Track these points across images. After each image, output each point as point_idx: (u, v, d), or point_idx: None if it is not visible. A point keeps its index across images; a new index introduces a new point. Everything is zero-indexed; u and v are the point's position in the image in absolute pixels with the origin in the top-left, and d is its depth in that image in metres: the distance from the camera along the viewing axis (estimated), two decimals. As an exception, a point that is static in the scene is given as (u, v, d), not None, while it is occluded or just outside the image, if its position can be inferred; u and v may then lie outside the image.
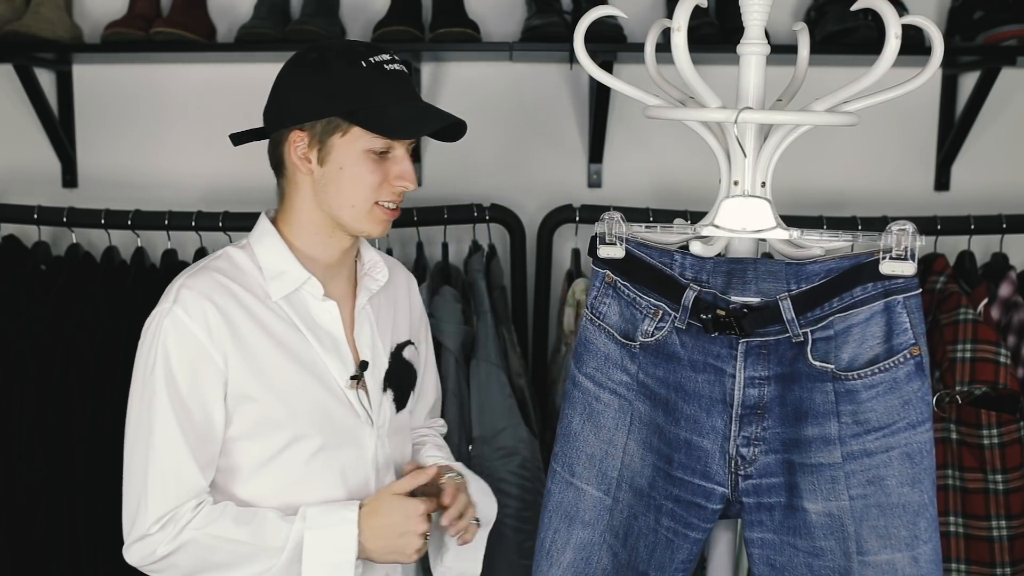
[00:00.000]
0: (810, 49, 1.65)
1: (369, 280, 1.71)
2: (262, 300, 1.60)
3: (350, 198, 1.59)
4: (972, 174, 2.72)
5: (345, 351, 1.64)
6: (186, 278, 1.59)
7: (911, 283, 1.40)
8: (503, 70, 2.70)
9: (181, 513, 1.54)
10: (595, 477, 1.62)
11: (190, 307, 1.55)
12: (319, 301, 1.63)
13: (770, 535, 1.52)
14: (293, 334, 1.60)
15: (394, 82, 1.58)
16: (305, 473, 1.60)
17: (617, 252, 1.57)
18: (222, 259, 1.64)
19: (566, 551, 1.63)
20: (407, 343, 1.76)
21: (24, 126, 2.69)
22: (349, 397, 1.63)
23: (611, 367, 1.60)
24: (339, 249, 1.65)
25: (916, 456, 1.42)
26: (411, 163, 1.62)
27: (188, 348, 1.54)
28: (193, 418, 1.55)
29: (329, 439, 1.61)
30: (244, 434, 1.58)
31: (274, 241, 1.63)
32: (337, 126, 1.56)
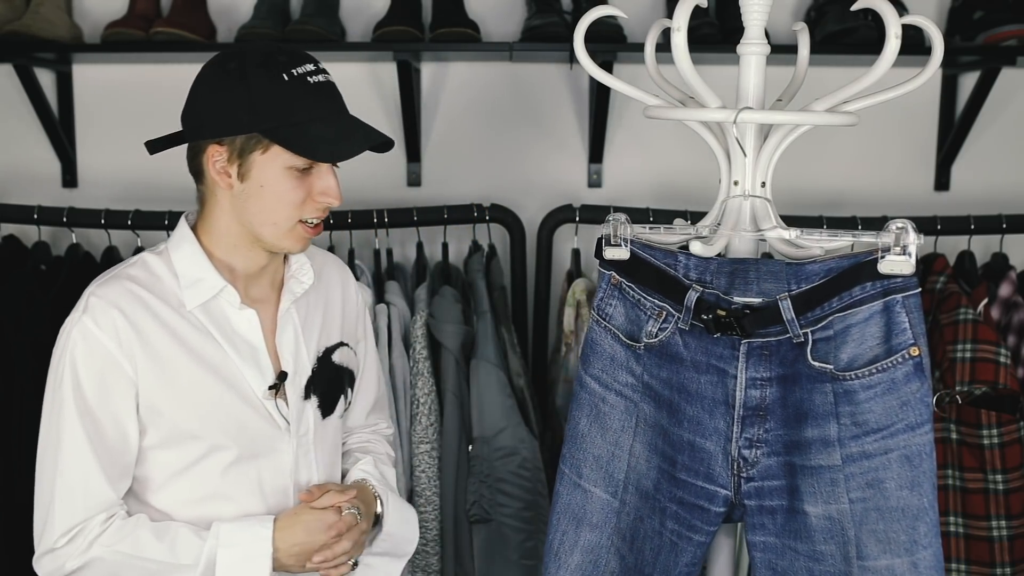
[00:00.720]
0: (810, 49, 1.65)
1: (294, 283, 1.64)
2: (176, 309, 1.55)
3: (271, 216, 1.53)
4: (972, 174, 2.72)
5: (264, 360, 1.59)
6: (96, 287, 1.55)
7: (910, 282, 1.40)
8: (503, 70, 2.70)
9: (90, 527, 1.50)
10: (602, 479, 1.62)
11: (99, 317, 1.50)
12: (237, 309, 1.57)
13: (772, 538, 1.51)
14: (208, 344, 1.55)
15: (318, 97, 1.51)
16: (221, 484, 1.56)
17: (622, 254, 1.57)
18: (136, 266, 1.58)
19: (574, 553, 1.63)
20: (339, 345, 1.71)
21: (24, 126, 2.69)
22: (267, 407, 1.58)
23: (617, 368, 1.60)
24: (258, 261, 1.59)
25: (915, 459, 1.42)
26: (335, 178, 1.55)
27: (97, 358, 1.50)
28: (102, 430, 1.51)
29: (245, 450, 1.56)
30: (158, 444, 1.54)
31: (192, 248, 1.58)
32: (257, 142, 1.50)
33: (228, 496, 1.57)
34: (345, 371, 1.72)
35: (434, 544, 2.31)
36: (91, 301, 1.52)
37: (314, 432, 1.64)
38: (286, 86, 1.49)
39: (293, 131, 1.49)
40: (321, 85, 1.52)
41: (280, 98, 1.49)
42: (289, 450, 1.61)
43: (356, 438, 1.82)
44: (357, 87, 2.69)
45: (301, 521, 1.56)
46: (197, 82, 1.56)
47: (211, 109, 1.53)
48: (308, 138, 1.49)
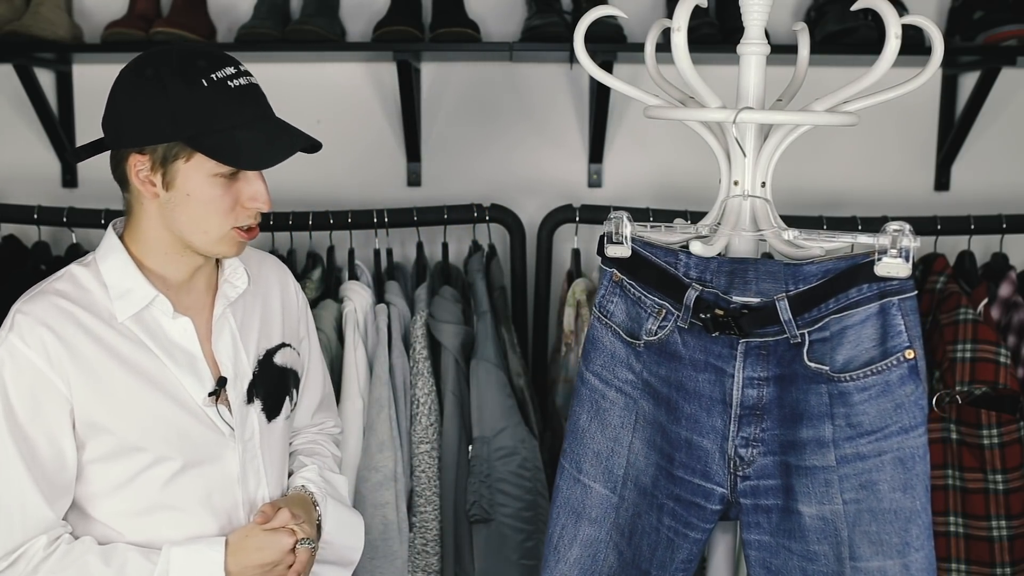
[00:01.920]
0: (810, 49, 1.65)
1: (228, 287, 1.62)
2: (107, 321, 1.51)
3: (201, 224, 1.50)
4: (972, 174, 2.73)
5: (202, 367, 1.56)
6: (22, 303, 1.50)
7: (906, 285, 1.39)
8: (503, 70, 2.70)
9: (32, 550, 1.47)
10: (602, 474, 1.62)
11: (26, 335, 1.46)
12: (170, 318, 1.54)
13: (767, 537, 1.52)
14: (143, 354, 1.52)
15: (241, 101, 1.47)
16: (166, 495, 1.52)
17: (624, 251, 1.57)
18: (64, 279, 1.54)
19: (573, 547, 1.64)
20: (280, 346, 1.68)
21: (24, 126, 2.70)
22: (208, 414, 1.55)
23: (617, 365, 1.60)
24: (190, 267, 1.56)
25: (908, 461, 1.42)
26: (263, 182, 1.51)
27: (26, 377, 1.46)
28: (36, 449, 1.46)
29: (190, 459, 1.53)
30: (99, 458, 1.50)
31: (120, 258, 1.54)
32: (180, 151, 1.46)
33: (174, 507, 1.53)
34: (289, 372, 1.69)
35: (434, 544, 2.31)
36: (17, 319, 1.48)
37: (260, 437, 1.61)
38: (206, 92, 1.44)
39: (216, 138, 1.45)
40: (244, 89, 1.48)
41: (200, 105, 1.44)
42: (235, 456, 1.57)
43: (302, 438, 1.80)
44: (357, 87, 2.70)
45: (253, 544, 1.53)
46: (115, 88, 1.50)
47: (130, 117, 1.47)
48: (232, 145, 1.46)
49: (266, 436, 1.62)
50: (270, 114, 1.53)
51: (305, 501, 1.65)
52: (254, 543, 1.53)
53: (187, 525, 1.54)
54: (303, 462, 1.74)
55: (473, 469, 2.28)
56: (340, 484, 1.76)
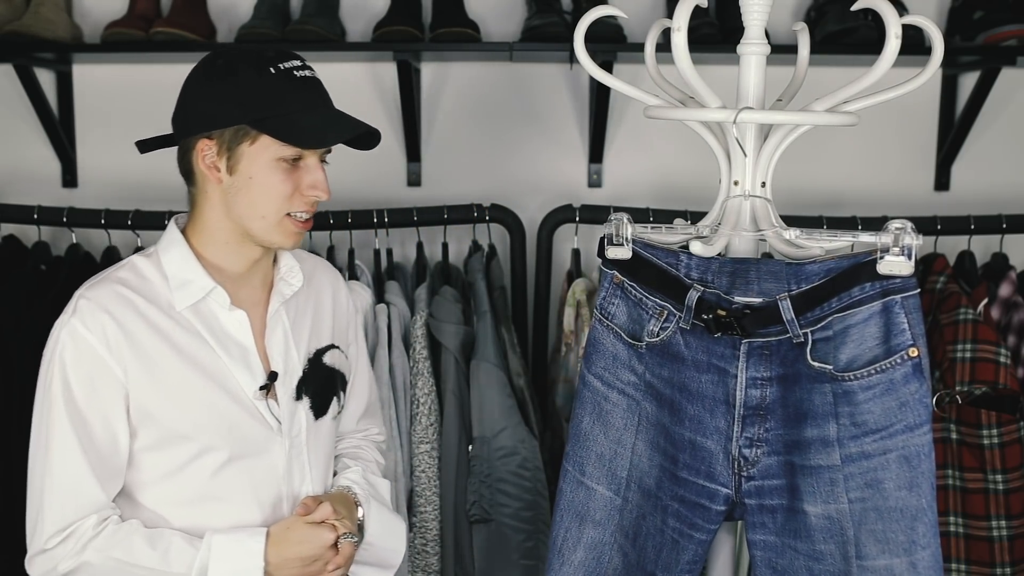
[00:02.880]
0: (810, 49, 1.65)
1: (283, 285, 1.66)
2: (166, 311, 1.55)
3: (260, 208, 1.54)
4: (972, 174, 2.73)
5: (254, 361, 1.59)
6: (86, 289, 1.56)
7: (909, 283, 1.40)
8: (503, 70, 2.70)
9: (82, 529, 1.50)
10: (605, 477, 1.62)
11: (87, 319, 1.51)
12: (227, 310, 1.58)
13: (772, 537, 1.52)
14: (199, 345, 1.56)
15: (304, 89, 1.53)
16: (212, 486, 1.55)
17: (624, 253, 1.57)
18: (126, 269, 1.59)
19: (577, 550, 1.64)
20: (329, 347, 1.71)
21: (24, 126, 2.70)
22: (258, 407, 1.58)
23: (619, 367, 1.60)
24: (248, 259, 1.60)
25: (914, 459, 1.42)
26: (323, 172, 1.57)
27: (85, 361, 1.50)
28: (92, 431, 1.51)
29: (237, 450, 1.56)
30: (149, 446, 1.54)
31: (181, 250, 1.59)
32: (245, 134, 1.52)
33: (220, 498, 1.56)
34: (337, 373, 1.72)
35: (434, 544, 2.31)
36: (80, 304, 1.53)
37: (307, 433, 1.64)
38: (273, 78, 1.51)
39: (280, 121, 1.51)
40: (307, 79, 1.55)
41: (267, 90, 1.51)
42: (281, 451, 1.60)
43: (346, 443, 1.82)
44: (357, 87, 2.69)
45: (294, 536, 1.55)
46: (186, 83, 1.59)
47: (200, 105, 1.55)
48: (295, 127, 1.51)
49: (312, 434, 1.65)
50: (331, 103, 1.59)
51: (347, 499, 1.67)
52: (296, 536, 1.55)
53: (232, 516, 1.57)
54: (347, 464, 1.76)
55: (473, 469, 2.28)
56: (383, 488, 1.78)
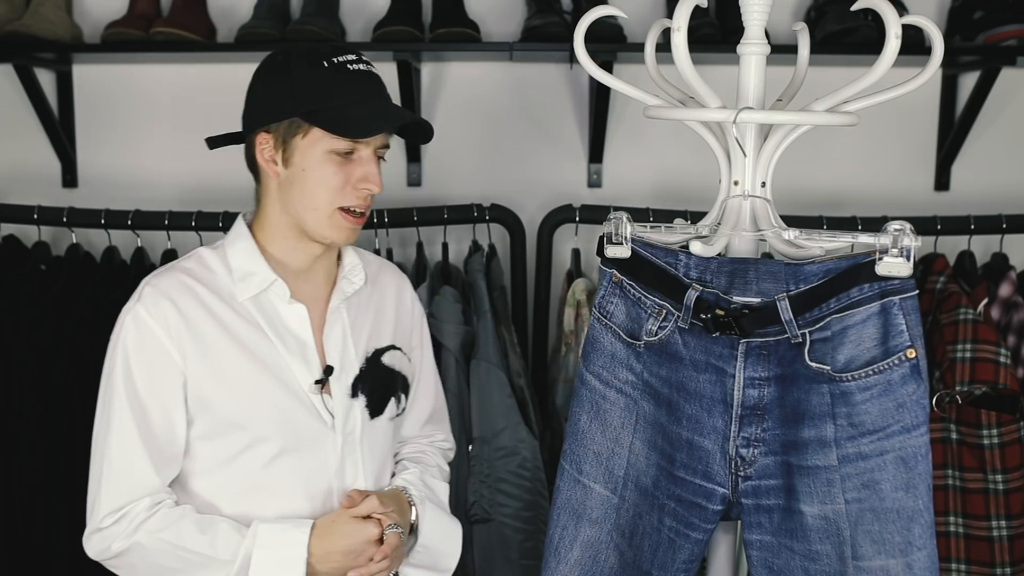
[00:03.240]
0: (810, 49, 1.65)
1: (345, 283, 1.68)
2: (227, 301, 1.59)
3: (312, 201, 1.57)
4: (972, 174, 2.73)
5: (312, 355, 1.61)
6: (151, 277, 1.61)
7: (907, 284, 1.40)
8: (503, 70, 2.70)
9: (135, 511, 1.54)
10: (602, 475, 1.62)
11: (150, 306, 1.55)
12: (287, 304, 1.61)
13: (768, 537, 1.52)
14: (257, 336, 1.59)
15: (357, 82, 1.55)
16: (264, 477, 1.57)
17: (623, 252, 1.58)
18: (192, 259, 1.64)
19: (573, 548, 1.64)
20: (389, 348, 1.72)
21: (24, 126, 2.69)
22: (313, 401, 1.60)
23: (617, 366, 1.60)
24: (309, 255, 1.63)
25: (911, 461, 1.42)
26: (377, 166, 1.59)
27: (147, 346, 1.55)
28: (150, 417, 1.54)
29: (289, 443, 1.58)
30: (204, 434, 1.57)
31: (246, 244, 1.62)
32: (299, 127, 1.55)
33: (270, 489, 1.58)
34: (396, 375, 1.73)
35: (434, 544, 2.31)
36: (145, 291, 1.58)
37: (361, 431, 1.65)
38: (325, 72, 1.54)
39: (330, 113, 1.54)
40: (361, 72, 1.57)
41: (319, 84, 1.54)
42: (334, 447, 1.62)
43: (410, 448, 1.81)
44: (357, 87, 2.69)
45: (339, 530, 1.56)
46: (250, 83, 1.63)
47: (259, 101, 1.59)
48: (343, 118, 1.53)
49: (367, 432, 1.66)
50: (384, 96, 1.60)
51: (399, 497, 1.67)
52: (340, 529, 1.56)
53: (282, 508, 1.58)
54: (406, 466, 1.76)
55: (473, 469, 2.28)
56: (441, 491, 1.78)
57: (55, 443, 2.26)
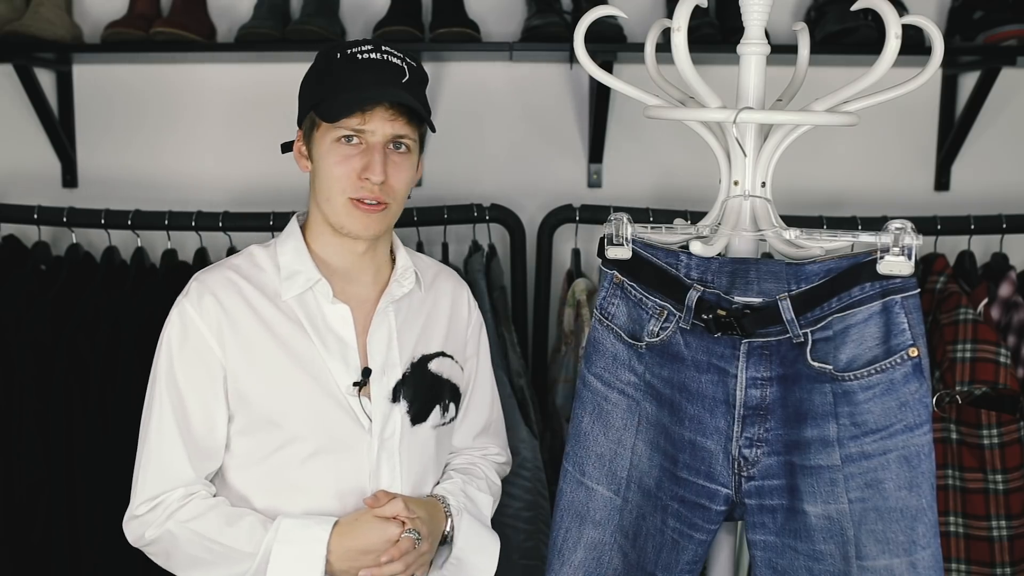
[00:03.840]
0: (810, 49, 1.65)
1: (395, 286, 1.67)
2: (272, 299, 1.60)
3: (325, 192, 1.59)
4: (972, 174, 2.72)
5: (352, 356, 1.61)
6: (201, 272, 1.64)
7: (909, 283, 1.40)
8: (503, 70, 2.70)
9: (169, 500, 1.56)
10: (605, 477, 1.62)
11: (195, 301, 1.58)
12: (330, 303, 1.61)
13: (772, 538, 1.52)
14: (299, 335, 1.59)
15: (360, 70, 1.56)
16: (298, 476, 1.58)
17: (624, 253, 1.57)
18: (243, 256, 1.67)
19: (577, 550, 1.64)
20: (438, 355, 1.70)
21: (24, 126, 2.69)
22: (351, 403, 1.59)
23: (619, 367, 1.60)
24: (351, 252, 1.63)
25: (914, 459, 1.42)
26: (382, 155, 1.56)
27: (191, 340, 1.58)
28: (188, 409, 1.56)
29: (324, 443, 1.58)
30: (241, 430, 1.58)
31: (295, 243, 1.64)
32: (314, 120, 1.59)
33: (303, 489, 1.58)
34: (445, 382, 1.70)
35: (434, 544, 2.31)
36: (192, 285, 1.61)
37: (400, 437, 1.62)
38: (336, 65, 1.57)
39: (327, 103, 1.55)
40: (369, 61, 1.57)
41: (328, 76, 1.57)
42: (369, 450, 1.60)
43: (462, 459, 1.79)
44: (357, 87, 2.69)
45: (361, 528, 1.55)
46: None
47: (299, 101, 1.64)
48: (332, 105, 1.55)
49: (407, 438, 1.64)
50: (388, 82, 1.56)
51: (433, 505, 1.64)
52: (362, 527, 1.55)
53: (312, 507, 1.58)
54: (450, 475, 1.74)
55: (473, 469, 2.28)
56: (483, 504, 1.73)
57: (55, 443, 2.26)
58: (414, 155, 1.62)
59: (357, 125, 1.55)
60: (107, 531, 2.19)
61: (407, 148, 1.60)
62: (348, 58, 1.56)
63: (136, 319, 2.24)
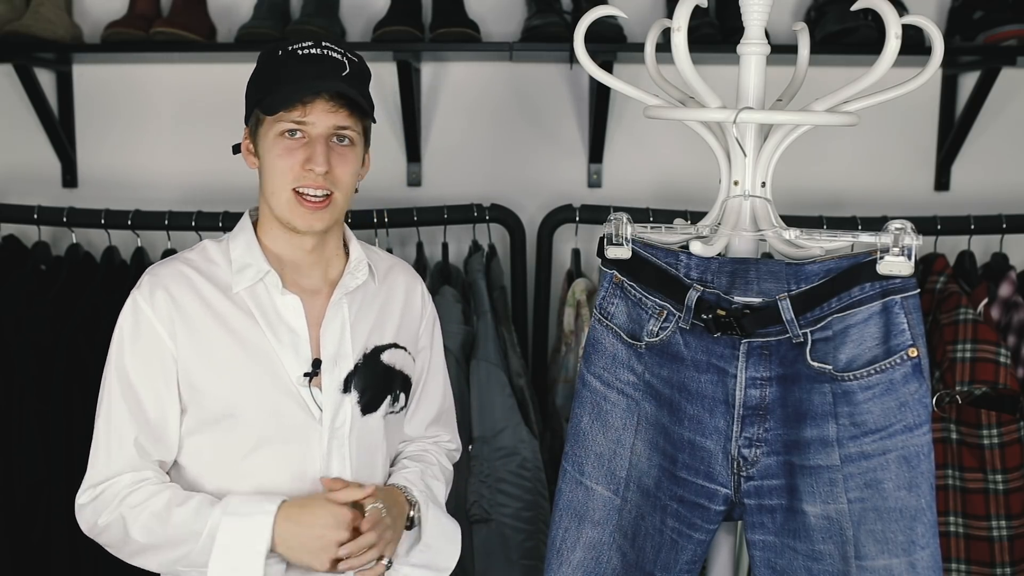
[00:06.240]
0: (810, 49, 1.65)
1: (349, 278, 1.68)
2: (224, 292, 1.62)
3: (270, 185, 1.60)
4: (972, 174, 2.72)
5: (303, 347, 1.62)
6: (153, 266, 1.66)
7: (909, 283, 1.40)
8: (503, 70, 2.70)
9: (117, 486, 1.57)
10: (604, 476, 1.62)
11: (147, 294, 1.60)
12: (280, 294, 1.62)
13: (771, 537, 1.52)
14: (250, 326, 1.60)
15: (300, 65, 1.57)
16: (249, 464, 1.58)
17: (624, 253, 1.58)
18: (196, 251, 1.68)
19: (576, 550, 1.64)
20: (390, 346, 1.71)
21: (24, 126, 2.69)
22: (301, 393, 1.61)
23: (618, 367, 1.60)
24: (298, 247, 1.64)
25: (913, 460, 1.42)
26: (323, 147, 1.57)
27: (142, 332, 1.59)
28: (139, 397, 1.57)
29: (274, 433, 1.59)
30: (193, 426, 1.59)
31: (246, 236, 1.66)
32: (258, 117, 1.60)
33: (253, 477, 1.59)
34: (397, 373, 1.72)
35: (434, 544, 2.30)
36: (144, 279, 1.62)
37: (350, 427, 1.64)
38: (277, 61, 1.59)
39: (271, 97, 1.57)
40: (310, 56, 1.58)
41: (269, 72, 1.60)
42: (320, 440, 1.61)
43: (413, 447, 1.81)
44: (357, 87, 2.69)
45: (309, 510, 1.55)
46: None
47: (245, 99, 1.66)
48: (273, 99, 1.56)
49: (358, 428, 1.65)
50: (327, 75, 1.57)
51: (394, 494, 1.65)
52: (311, 510, 1.55)
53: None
54: (406, 464, 1.75)
55: (473, 469, 2.28)
56: (440, 492, 1.77)
57: (55, 443, 2.26)
58: (358, 148, 1.63)
59: (298, 117, 1.56)
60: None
61: (350, 141, 1.61)
62: (289, 54, 1.58)
63: (136, 319, 2.24)
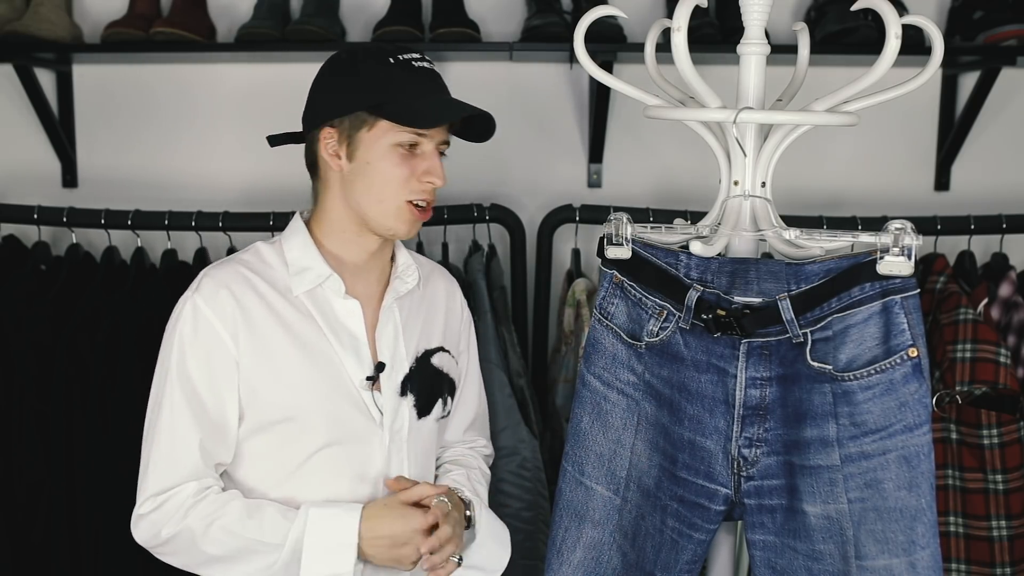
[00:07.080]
0: (810, 49, 1.65)
1: (399, 282, 1.70)
2: (283, 294, 1.61)
3: (378, 194, 1.59)
4: (972, 174, 2.72)
5: (364, 351, 1.63)
6: (210, 268, 1.64)
7: (909, 283, 1.40)
8: (503, 70, 2.70)
9: (182, 495, 1.55)
10: (604, 476, 1.62)
11: (208, 295, 1.58)
12: (341, 299, 1.63)
13: (771, 537, 1.52)
14: (311, 329, 1.61)
15: (421, 78, 1.59)
16: (308, 467, 1.59)
17: (624, 253, 1.58)
18: (249, 253, 1.67)
19: (576, 550, 1.64)
20: (438, 350, 1.74)
21: (24, 126, 2.69)
22: (363, 397, 1.62)
23: (618, 367, 1.60)
24: (366, 250, 1.65)
25: (913, 460, 1.42)
26: (439, 160, 1.62)
27: (202, 335, 1.57)
28: (203, 402, 1.56)
29: (336, 436, 1.60)
30: (251, 429, 1.59)
31: (302, 238, 1.65)
32: (364, 121, 1.58)
33: (314, 481, 1.59)
34: (444, 376, 1.74)
35: (434, 544, 2.30)
36: (203, 281, 1.61)
37: (408, 430, 1.66)
38: (391, 68, 1.58)
39: (397, 106, 1.57)
40: (424, 70, 1.60)
41: (385, 78, 1.58)
42: (381, 443, 1.63)
43: (452, 452, 1.82)
44: (357, 87, 2.69)
45: (389, 515, 1.57)
46: (314, 82, 1.66)
47: (324, 97, 1.63)
48: (408, 111, 1.56)
49: (414, 431, 1.67)
50: (446, 91, 1.63)
51: (450, 494, 1.66)
52: (390, 514, 1.57)
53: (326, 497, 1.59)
54: (449, 468, 1.77)
55: (473, 469, 2.28)
56: (485, 496, 1.78)
57: (55, 443, 2.26)
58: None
59: (424, 131, 1.59)
60: (107, 531, 2.19)
61: (445, 153, 1.66)
62: (403, 64, 1.58)
63: (136, 319, 2.25)
